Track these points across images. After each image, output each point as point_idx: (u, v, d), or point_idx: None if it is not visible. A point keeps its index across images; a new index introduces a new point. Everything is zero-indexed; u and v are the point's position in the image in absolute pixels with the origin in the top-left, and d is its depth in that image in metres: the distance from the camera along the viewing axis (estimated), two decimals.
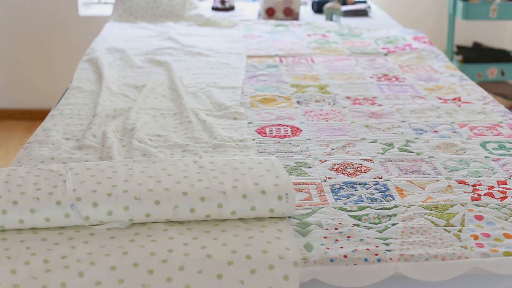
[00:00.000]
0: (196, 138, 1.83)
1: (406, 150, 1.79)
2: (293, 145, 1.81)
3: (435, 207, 1.46)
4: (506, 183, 1.59)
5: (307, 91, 2.28)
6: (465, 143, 1.85)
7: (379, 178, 1.62)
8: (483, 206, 1.47)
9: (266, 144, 1.82)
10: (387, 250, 1.29)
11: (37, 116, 4.17)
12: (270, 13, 3.57)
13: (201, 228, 1.34)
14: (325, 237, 1.33)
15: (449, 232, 1.36)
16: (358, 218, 1.42)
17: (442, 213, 1.44)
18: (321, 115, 2.06)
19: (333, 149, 1.79)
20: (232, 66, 2.59)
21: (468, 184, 1.58)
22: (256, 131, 1.92)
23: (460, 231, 1.37)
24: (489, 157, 1.75)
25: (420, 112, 2.09)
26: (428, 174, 1.64)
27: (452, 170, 1.66)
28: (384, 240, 1.33)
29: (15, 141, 3.99)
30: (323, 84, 2.37)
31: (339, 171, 1.65)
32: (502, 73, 4.06)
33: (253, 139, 1.85)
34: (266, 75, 2.49)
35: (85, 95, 2.20)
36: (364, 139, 1.86)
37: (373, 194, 1.53)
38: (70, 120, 1.96)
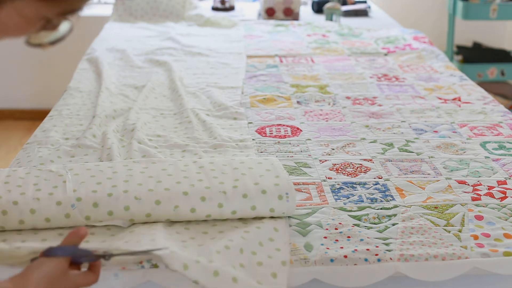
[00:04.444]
0: (196, 138, 1.83)
1: (406, 150, 1.79)
2: (293, 145, 1.81)
3: (435, 207, 1.46)
4: (506, 183, 1.59)
5: (307, 91, 2.28)
6: (465, 143, 1.85)
7: (379, 178, 1.62)
8: (483, 206, 1.47)
9: (266, 144, 1.82)
10: (387, 250, 1.29)
11: (37, 116, 4.17)
12: (270, 13, 3.57)
13: (200, 228, 1.34)
14: (325, 237, 1.33)
15: (449, 232, 1.36)
16: (358, 218, 1.42)
17: (442, 213, 1.44)
18: (321, 115, 2.06)
19: (333, 149, 1.79)
20: (232, 66, 2.59)
21: (468, 184, 1.58)
22: (256, 131, 1.92)
23: (460, 231, 1.37)
24: (489, 157, 1.75)
25: (420, 112, 2.09)
26: (428, 174, 1.64)
27: (452, 170, 1.66)
28: (384, 240, 1.33)
29: (15, 141, 3.99)
30: (323, 84, 2.37)
31: (339, 171, 1.65)
32: (502, 73, 4.06)
33: (253, 139, 1.85)
34: (266, 75, 2.49)
35: (84, 95, 2.20)
36: (364, 139, 1.86)
37: (373, 194, 1.53)
38: (69, 120, 1.96)
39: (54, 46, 0.83)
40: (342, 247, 1.30)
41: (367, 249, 1.28)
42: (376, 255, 1.27)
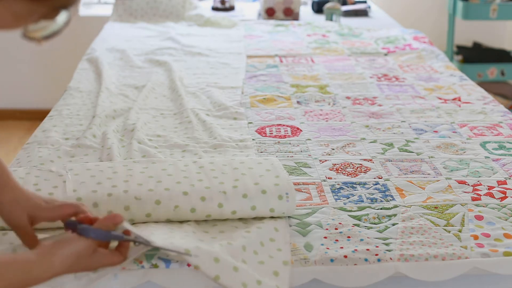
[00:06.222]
0: (196, 138, 1.83)
1: (406, 150, 1.79)
2: (293, 145, 1.81)
3: (435, 207, 1.46)
4: (506, 183, 1.59)
5: (307, 91, 2.28)
6: (465, 143, 1.85)
7: (379, 178, 1.62)
8: (483, 206, 1.47)
9: (266, 144, 1.82)
10: (387, 250, 1.29)
11: (37, 116, 4.17)
12: (270, 13, 3.57)
13: (200, 228, 1.34)
14: (325, 237, 1.33)
15: (449, 232, 1.36)
16: (358, 218, 1.42)
17: (442, 213, 1.44)
18: (321, 115, 2.06)
19: (333, 149, 1.79)
20: (232, 66, 2.59)
21: (468, 184, 1.58)
22: (256, 131, 1.92)
23: (460, 231, 1.37)
24: (489, 157, 1.75)
25: (420, 112, 2.09)
26: (428, 174, 1.64)
27: (452, 170, 1.66)
28: (384, 240, 1.33)
29: (15, 141, 3.99)
30: (323, 84, 2.37)
31: (339, 171, 1.65)
32: (502, 73, 4.06)
33: (253, 139, 1.85)
34: (266, 75, 2.49)
35: (84, 95, 2.20)
36: (364, 139, 1.86)
37: (373, 194, 1.53)
38: (69, 120, 1.96)
39: (49, 40, 0.84)
40: (342, 247, 1.30)
41: (367, 249, 1.28)
42: (376, 255, 1.27)
